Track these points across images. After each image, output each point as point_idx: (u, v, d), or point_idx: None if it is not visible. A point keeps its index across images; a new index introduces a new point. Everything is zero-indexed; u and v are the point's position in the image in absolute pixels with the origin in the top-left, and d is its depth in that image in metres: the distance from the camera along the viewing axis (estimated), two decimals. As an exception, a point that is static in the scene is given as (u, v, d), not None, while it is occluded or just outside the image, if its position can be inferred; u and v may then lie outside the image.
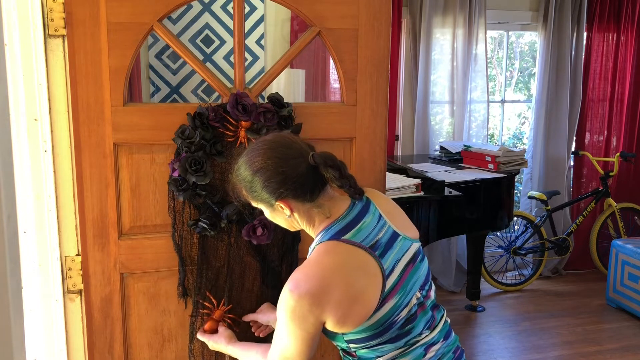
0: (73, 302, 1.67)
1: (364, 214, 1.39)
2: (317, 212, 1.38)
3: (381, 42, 1.77)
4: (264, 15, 3.78)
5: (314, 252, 1.36)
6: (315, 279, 1.28)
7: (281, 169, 1.32)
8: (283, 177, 1.32)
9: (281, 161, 1.33)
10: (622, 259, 4.07)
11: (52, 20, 1.55)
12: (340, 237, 1.34)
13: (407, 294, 1.36)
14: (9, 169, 0.84)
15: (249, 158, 1.37)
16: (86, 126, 1.59)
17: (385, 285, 1.32)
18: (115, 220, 1.64)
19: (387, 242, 1.37)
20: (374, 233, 1.37)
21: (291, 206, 1.37)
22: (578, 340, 3.69)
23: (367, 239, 1.35)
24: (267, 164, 1.33)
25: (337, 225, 1.36)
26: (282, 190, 1.33)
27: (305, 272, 1.31)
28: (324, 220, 1.38)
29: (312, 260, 1.34)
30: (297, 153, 1.34)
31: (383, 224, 1.40)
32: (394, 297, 1.33)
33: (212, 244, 1.69)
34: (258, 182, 1.34)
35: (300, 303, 1.27)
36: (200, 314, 1.70)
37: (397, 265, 1.36)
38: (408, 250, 1.41)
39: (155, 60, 3.64)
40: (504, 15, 4.58)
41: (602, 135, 4.82)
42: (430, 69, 4.32)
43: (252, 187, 1.36)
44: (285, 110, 1.67)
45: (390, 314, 1.33)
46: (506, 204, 3.82)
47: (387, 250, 1.36)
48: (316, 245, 1.37)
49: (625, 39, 4.67)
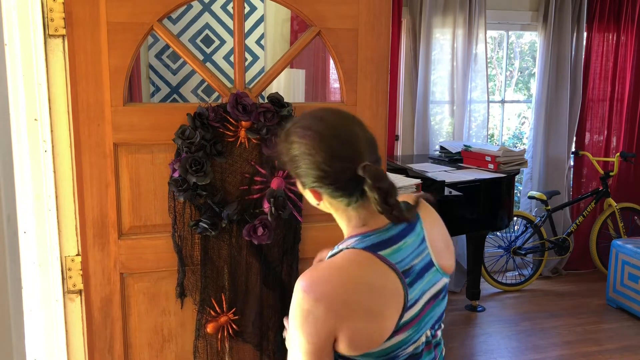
0: (73, 302, 1.67)
1: (407, 233, 1.24)
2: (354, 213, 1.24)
3: (381, 42, 1.77)
4: (264, 15, 3.78)
5: (340, 257, 1.19)
6: (335, 285, 1.14)
7: (323, 166, 1.18)
8: (323, 175, 1.19)
9: (329, 159, 1.18)
10: (622, 259, 4.07)
11: (52, 20, 1.55)
12: (377, 251, 1.18)
13: (419, 331, 1.23)
14: (9, 169, 0.84)
15: (301, 133, 1.22)
16: (86, 126, 1.59)
17: (403, 317, 1.18)
18: (115, 220, 1.64)
19: (420, 271, 1.23)
20: (412, 257, 1.23)
21: (322, 198, 1.25)
22: (578, 340, 3.69)
23: (404, 262, 1.20)
24: (313, 154, 1.19)
25: (376, 237, 1.21)
26: (318, 184, 1.21)
27: (322, 275, 1.16)
28: (359, 226, 1.24)
29: (335, 264, 1.18)
30: (350, 155, 1.19)
31: (423, 249, 1.26)
32: (406, 330, 1.19)
33: (213, 244, 1.69)
34: (299, 161, 1.22)
35: (315, 306, 1.12)
36: (206, 312, 1.71)
37: (421, 299, 1.22)
38: (436, 284, 1.27)
39: (155, 60, 3.64)
40: (504, 15, 4.58)
41: (602, 135, 4.82)
42: (430, 69, 4.32)
43: (292, 160, 1.23)
44: (285, 110, 1.67)
45: (397, 347, 1.19)
46: (506, 204, 3.82)
47: (417, 280, 1.22)
48: (345, 248, 1.20)
49: (625, 39, 4.67)
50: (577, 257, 4.89)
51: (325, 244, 1.79)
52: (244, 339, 1.76)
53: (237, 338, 1.75)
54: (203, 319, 1.72)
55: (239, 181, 1.69)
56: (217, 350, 1.75)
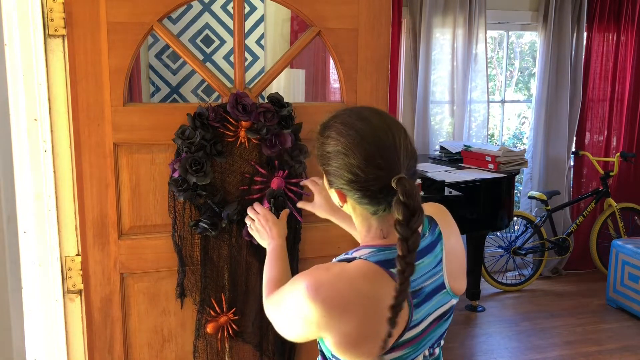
0: (73, 302, 1.67)
1: (426, 253, 1.20)
2: (375, 222, 1.19)
3: (381, 42, 1.77)
4: (264, 15, 3.78)
5: (353, 266, 1.15)
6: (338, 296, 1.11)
7: (357, 170, 1.12)
8: (354, 178, 1.13)
9: (364, 163, 1.12)
10: (622, 259, 4.07)
11: (52, 20, 1.55)
12: (389, 268, 1.14)
13: (418, 350, 1.20)
14: (9, 169, 0.84)
15: (342, 131, 1.16)
16: (86, 126, 1.59)
17: (403, 336, 1.15)
18: (115, 220, 1.64)
19: (430, 293, 1.19)
20: (424, 278, 1.19)
21: (347, 200, 1.19)
22: (578, 340, 3.69)
23: (415, 282, 1.16)
24: (348, 154, 1.13)
25: (391, 252, 1.14)
26: (346, 187, 1.16)
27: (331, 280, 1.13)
28: (378, 236, 1.19)
29: (346, 273, 1.14)
30: (387, 164, 1.12)
31: (437, 271, 1.21)
32: (404, 349, 1.17)
33: (213, 244, 1.69)
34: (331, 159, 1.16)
35: (310, 307, 1.11)
36: (206, 312, 1.71)
37: (425, 320, 1.19)
38: (443, 306, 1.24)
39: (155, 60, 3.64)
40: (504, 15, 4.58)
41: (602, 135, 4.82)
42: (430, 69, 4.32)
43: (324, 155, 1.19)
44: (285, 110, 1.67)
45: None
46: (506, 204, 3.82)
47: (425, 301, 1.19)
48: (359, 258, 1.16)
49: (625, 39, 4.67)
50: (577, 257, 4.89)
51: (325, 244, 1.80)
52: (244, 339, 1.76)
53: (237, 338, 1.76)
54: (203, 319, 1.72)
55: (239, 181, 1.69)
56: (217, 350, 1.75)
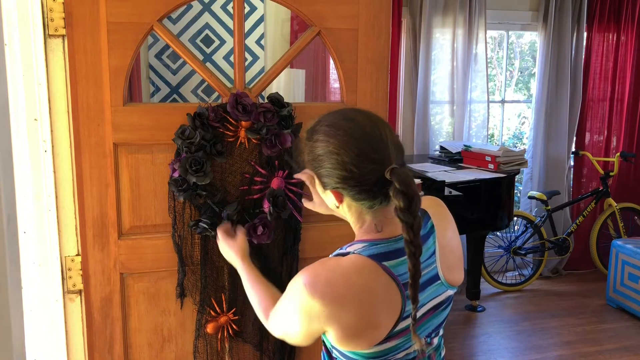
0: (73, 302, 1.67)
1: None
2: (369, 217, 1.23)
3: (381, 42, 1.77)
4: (264, 15, 3.78)
5: (347, 261, 1.19)
6: (335, 290, 1.15)
7: (350, 167, 1.16)
8: (348, 175, 1.17)
9: (356, 159, 1.16)
10: (622, 259, 4.07)
11: (52, 20, 1.55)
12: (382, 261, 1.18)
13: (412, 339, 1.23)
14: (9, 169, 0.84)
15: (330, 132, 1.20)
16: (86, 126, 1.59)
17: (397, 326, 1.19)
18: (115, 220, 1.64)
19: (423, 284, 1.22)
20: None
21: (343, 200, 1.23)
22: (578, 340, 3.69)
23: (407, 274, 1.17)
24: (340, 153, 1.17)
25: (384, 246, 1.20)
26: (341, 185, 1.19)
27: (327, 275, 1.17)
28: (372, 230, 1.23)
29: (341, 269, 1.18)
30: (379, 157, 1.16)
31: (430, 263, 1.25)
32: (399, 338, 1.20)
33: (213, 244, 1.69)
34: (323, 161, 1.20)
35: (310, 302, 1.15)
36: (206, 312, 1.71)
37: (418, 310, 1.22)
38: (439, 296, 1.27)
39: (155, 60, 3.64)
40: (504, 15, 4.58)
41: (602, 135, 4.83)
42: (430, 69, 4.32)
43: (316, 159, 1.22)
44: (285, 110, 1.67)
45: (387, 352, 1.21)
46: (506, 204, 3.82)
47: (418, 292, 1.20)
48: (353, 253, 1.20)
49: (625, 39, 4.68)
50: (577, 257, 4.89)
51: (325, 244, 1.80)
52: (244, 339, 1.76)
53: (237, 338, 1.76)
54: (203, 319, 1.72)
55: (239, 181, 1.69)
56: (217, 350, 1.75)
